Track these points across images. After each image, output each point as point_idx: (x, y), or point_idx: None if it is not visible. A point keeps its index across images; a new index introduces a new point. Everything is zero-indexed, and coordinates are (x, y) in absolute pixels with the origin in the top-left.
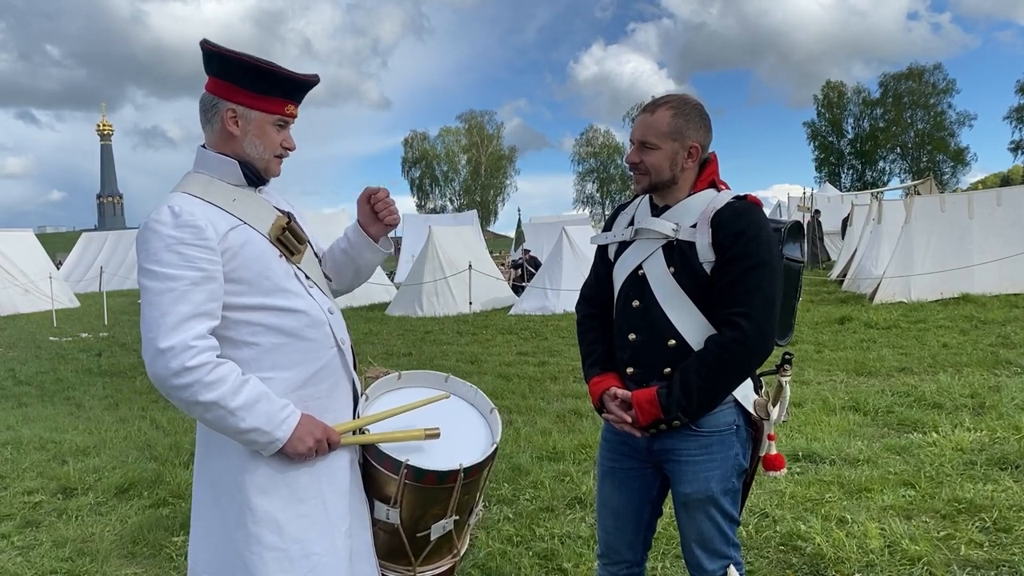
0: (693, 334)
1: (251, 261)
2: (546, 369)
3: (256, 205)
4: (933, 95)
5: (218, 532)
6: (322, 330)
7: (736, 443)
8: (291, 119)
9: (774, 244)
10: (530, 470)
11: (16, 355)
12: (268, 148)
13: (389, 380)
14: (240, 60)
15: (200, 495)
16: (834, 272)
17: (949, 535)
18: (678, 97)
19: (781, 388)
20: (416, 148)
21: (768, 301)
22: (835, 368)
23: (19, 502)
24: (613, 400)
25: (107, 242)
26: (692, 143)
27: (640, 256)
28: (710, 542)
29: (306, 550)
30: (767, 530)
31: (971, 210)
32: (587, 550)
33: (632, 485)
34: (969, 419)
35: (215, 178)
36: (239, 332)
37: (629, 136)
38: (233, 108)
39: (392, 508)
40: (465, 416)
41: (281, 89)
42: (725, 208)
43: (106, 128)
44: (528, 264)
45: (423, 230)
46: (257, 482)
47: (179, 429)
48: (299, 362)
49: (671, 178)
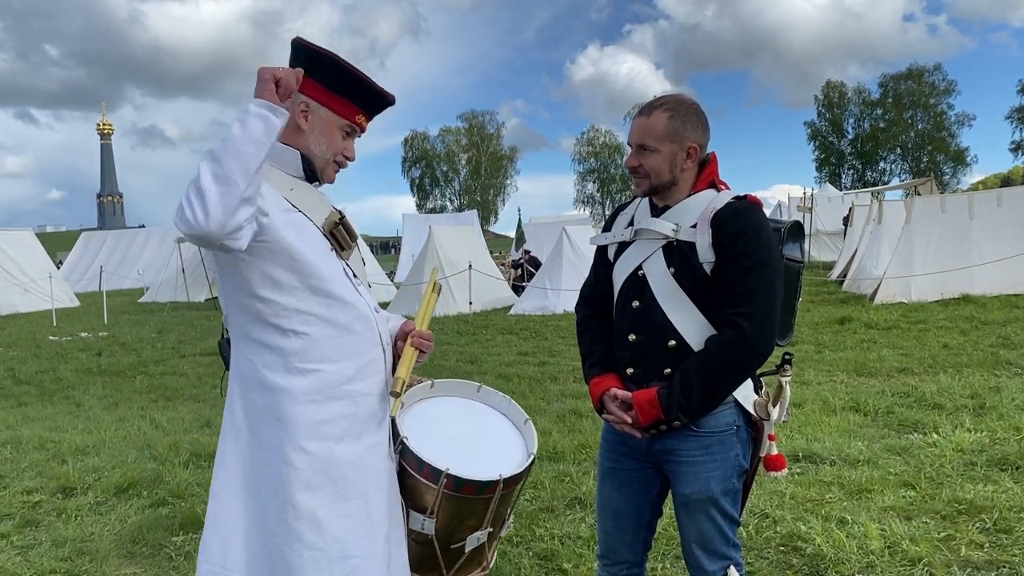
0: (693, 334)
1: (307, 245)
2: (546, 369)
3: (313, 197)
4: (933, 95)
5: (257, 528)
6: (369, 326)
7: (736, 444)
8: (359, 130)
9: (774, 244)
10: (530, 470)
11: (16, 354)
12: (331, 149)
13: (422, 388)
14: (325, 55)
15: (228, 491)
16: (834, 272)
17: (949, 536)
18: (674, 98)
19: (781, 388)
20: (416, 148)
21: (769, 301)
22: (835, 368)
23: (18, 501)
24: (613, 401)
25: (107, 241)
26: (690, 144)
27: (640, 256)
28: (710, 543)
29: (346, 551)
30: (767, 531)
31: (971, 211)
32: (587, 550)
33: (632, 486)
34: (969, 420)
35: (275, 167)
36: (289, 321)
37: (627, 139)
38: (306, 101)
39: (428, 518)
40: (499, 427)
41: (357, 94)
42: (725, 208)
43: (106, 127)
44: (528, 264)
45: (423, 230)
46: (303, 476)
47: (179, 429)
48: (347, 355)
49: (671, 179)
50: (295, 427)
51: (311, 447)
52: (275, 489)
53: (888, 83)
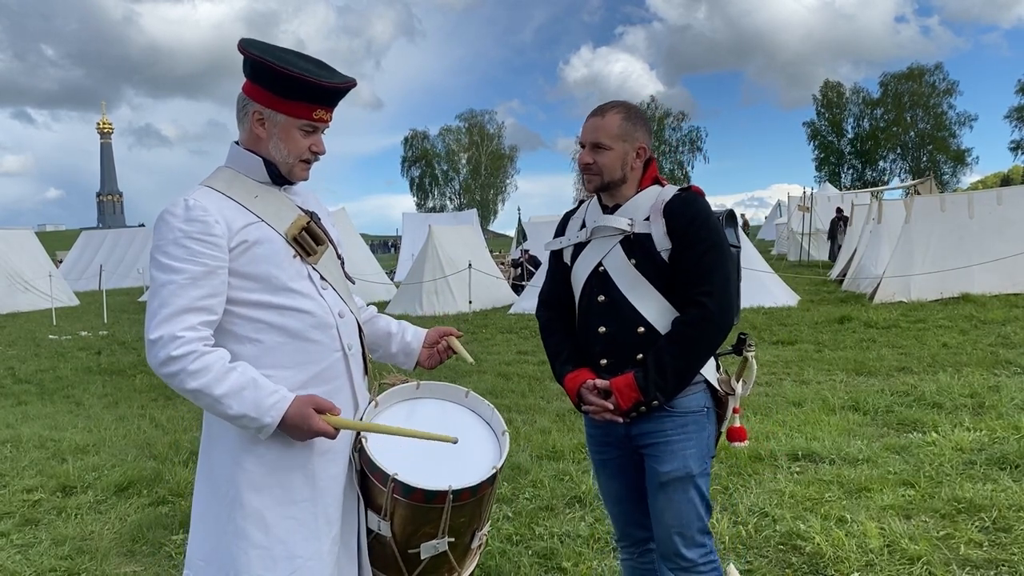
0: (659, 319)
1: (261, 259)
2: (545, 368)
3: (277, 203)
4: (933, 96)
5: (212, 523)
6: (328, 333)
7: (708, 425)
8: (322, 124)
9: (722, 228)
10: (529, 469)
11: (16, 353)
12: (292, 152)
13: (406, 389)
14: (264, 64)
15: (200, 486)
16: (834, 272)
17: (949, 535)
18: (624, 102)
19: (747, 362)
20: (416, 147)
21: (725, 279)
22: (835, 368)
23: (18, 500)
24: (592, 391)
25: (107, 240)
26: (640, 144)
27: (599, 254)
28: (688, 527)
29: (290, 552)
30: (766, 529)
31: (971, 210)
32: (586, 549)
33: (625, 472)
34: (969, 419)
35: (241, 174)
36: (243, 328)
37: (579, 139)
38: (260, 111)
39: (383, 520)
40: (476, 435)
41: (308, 94)
42: (674, 199)
43: (106, 127)
44: (528, 263)
45: (423, 229)
46: (250, 478)
47: (178, 427)
48: (301, 362)
49: (621, 177)
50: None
51: (260, 450)
52: (226, 488)
53: (889, 82)
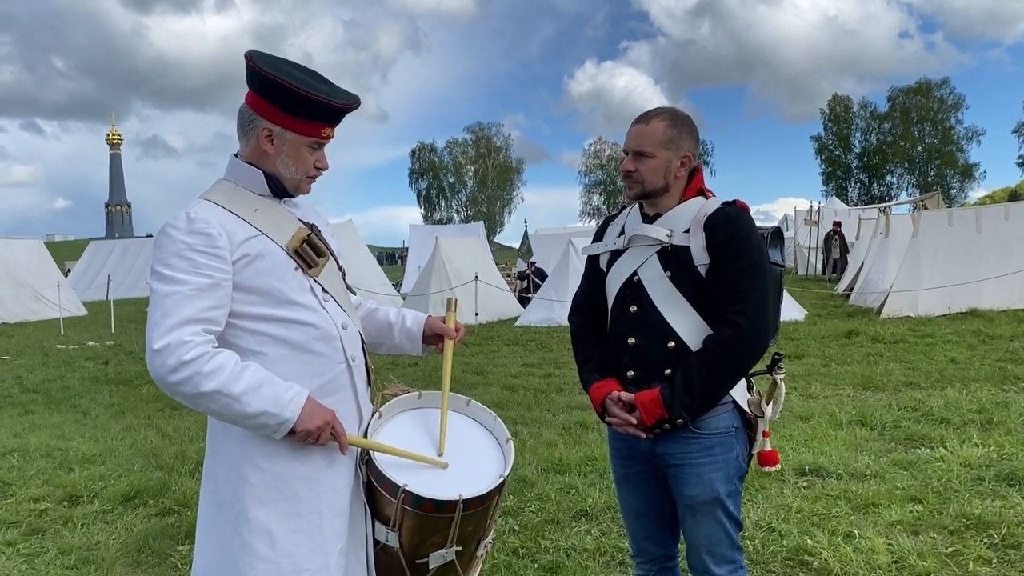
0: (691, 335)
1: (263, 272)
2: (552, 381)
3: (278, 216)
4: (941, 110)
5: (218, 536)
6: (332, 344)
7: (736, 445)
8: (327, 140)
9: (764, 246)
10: (535, 482)
11: (23, 362)
12: (301, 169)
13: (408, 399)
14: (282, 84)
15: (205, 499)
16: (841, 286)
17: (957, 551)
18: (670, 109)
19: (776, 385)
20: (424, 159)
21: (762, 299)
22: (842, 382)
23: (25, 509)
24: (616, 403)
25: (115, 250)
26: (685, 152)
27: (635, 263)
28: (717, 546)
29: (297, 566)
30: (773, 544)
31: (979, 224)
32: (592, 563)
33: (648, 487)
34: (977, 434)
35: (240, 187)
36: (247, 341)
37: (623, 146)
38: (270, 128)
39: (392, 531)
40: (479, 444)
41: (319, 114)
42: (717, 213)
43: (115, 137)
44: (534, 276)
45: (430, 241)
46: (255, 492)
47: (185, 438)
48: (304, 374)
49: (664, 186)
50: (251, 444)
51: (265, 464)
52: (232, 502)
53: (896, 97)
